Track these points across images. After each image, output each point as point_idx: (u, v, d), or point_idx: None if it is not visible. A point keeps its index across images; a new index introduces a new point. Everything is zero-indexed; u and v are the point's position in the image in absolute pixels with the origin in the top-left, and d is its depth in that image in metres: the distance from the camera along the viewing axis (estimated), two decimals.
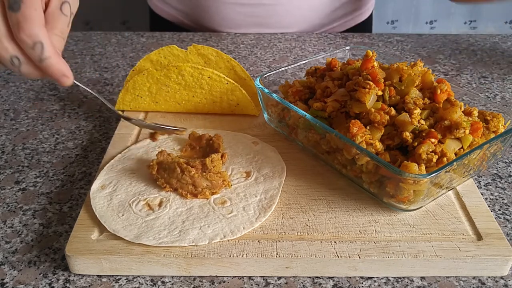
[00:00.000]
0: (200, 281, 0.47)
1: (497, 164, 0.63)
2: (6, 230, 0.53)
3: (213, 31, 1.03)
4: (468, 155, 0.49)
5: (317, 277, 0.48)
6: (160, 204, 0.52)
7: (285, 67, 0.67)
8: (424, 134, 0.51)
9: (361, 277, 0.48)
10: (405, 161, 0.49)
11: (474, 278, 0.48)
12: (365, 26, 1.11)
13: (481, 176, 0.61)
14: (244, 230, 0.49)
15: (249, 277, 0.48)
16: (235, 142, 0.62)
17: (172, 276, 0.48)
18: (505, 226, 0.54)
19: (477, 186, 0.58)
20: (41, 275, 0.48)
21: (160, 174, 0.54)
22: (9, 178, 0.61)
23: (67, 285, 0.47)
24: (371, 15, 1.12)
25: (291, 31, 1.03)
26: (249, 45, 0.97)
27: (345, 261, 0.47)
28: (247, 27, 1.02)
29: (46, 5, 0.46)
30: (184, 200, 0.53)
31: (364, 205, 0.53)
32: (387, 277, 0.48)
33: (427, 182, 0.47)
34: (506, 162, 0.64)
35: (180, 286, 0.47)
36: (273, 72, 0.66)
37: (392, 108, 0.54)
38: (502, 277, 0.48)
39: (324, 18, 1.03)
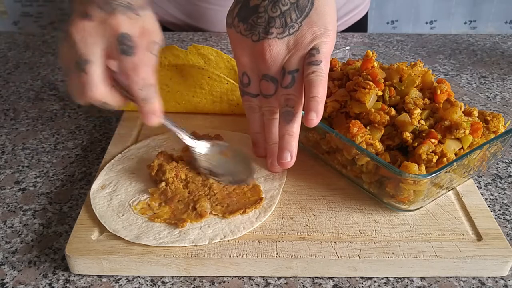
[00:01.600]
0: (200, 281, 0.47)
1: (497, 164, 0.63)
2: (6, 230, 0.53)
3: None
4: (468, 156, 0.49)
5: (317, 277, 0.48)
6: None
7: None
8: (424, 134, 0.51)
9: (361, 277, 0.48)
10: (405, 162, 0.49)
11: (474, 278, 0.48)
12: (362, 25, 1.10)
13: (481, 176, 0.61)
14: (244, 230, 0.49)
15: (249, 277, 0.48)
16: (235, 142, 0.62)
17: (172, 276, 0.48)
18: (505, 226, 0.54)
19: (477, 186, 0.58)
20: (41, 275, 0.48)
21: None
22: (9, 178, 0.61)
23: (67, 285, 0.47)
24: (366, 14, 1.12)
25: None
26: None
27: (345, 261, 0.47)
28: None
29: None
30: None
31: (364, 205, 0.53)
32: (387, 277, 0.48)
33: (427, 183, 0.47)
34: (506, 162, 0.64)
35: (180, 286, 0.47)
36: None
37: (392, 108, 0.54)
38: (502, 278, 0.48)
39: None
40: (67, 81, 0.49)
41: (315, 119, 0.48)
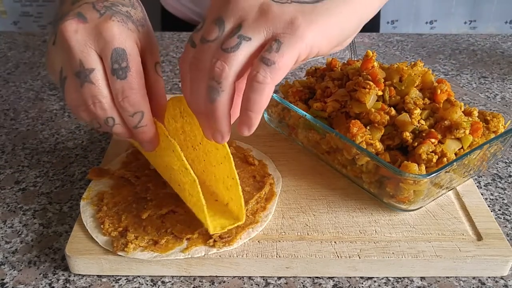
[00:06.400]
0: (200, 281, 0.47)
1: (497, 164, 0.63)
2: (6, 230, 0.53)
3: None
4: (468, 155, 0.49)
5: (317, 277, 0.48)
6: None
7: None
8: (424, 134, 0.51)
9: (361, 277, 0.48)
10: (405, 161, 0.49)
11: (474, 278, 0.48)
12: (374, 26, 1.10)
13: (481, 176, 0.61)
14: None
15: (249, 277, 0.48)
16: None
17: (172, 276, 0.48)
18: (505, 226, 0.54)
19: (477, 186, 0.58)
20: (41, 275, 0.48)
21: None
22: (9, 178, 0.61)
23: (67, 285, 0.47)
24: (379, 14, 1.12)
25: None
26: None
27: (345, 261, 0.47)
28: None
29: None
30: None
31: (364, 205, 0.53)
32: (387, 277, 0.48)
33: (427, 182, 0.47)
34: (506, 162, 0.64)
35: (180, 286, 0.47)
36: None
37: (392, 108, 0.54)
38: (502, 277, 0.48)
39: None
40: (62, 92, 0.44)
41: (247, 132, 0.40)
